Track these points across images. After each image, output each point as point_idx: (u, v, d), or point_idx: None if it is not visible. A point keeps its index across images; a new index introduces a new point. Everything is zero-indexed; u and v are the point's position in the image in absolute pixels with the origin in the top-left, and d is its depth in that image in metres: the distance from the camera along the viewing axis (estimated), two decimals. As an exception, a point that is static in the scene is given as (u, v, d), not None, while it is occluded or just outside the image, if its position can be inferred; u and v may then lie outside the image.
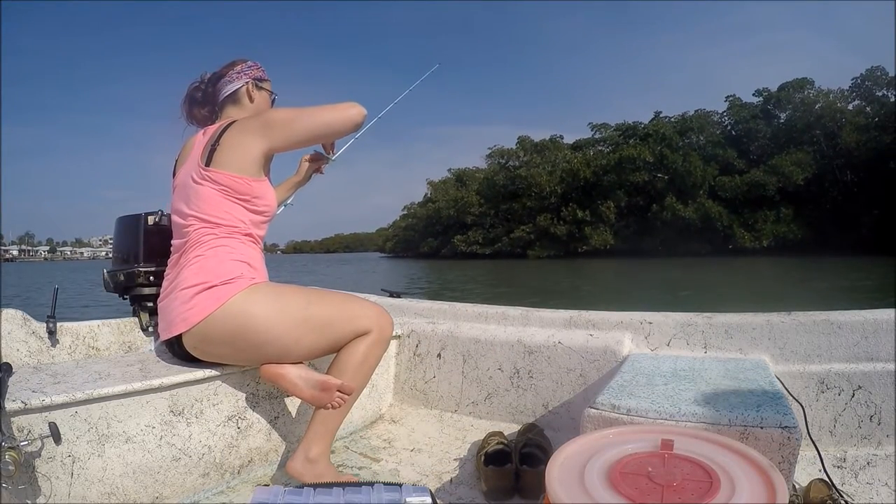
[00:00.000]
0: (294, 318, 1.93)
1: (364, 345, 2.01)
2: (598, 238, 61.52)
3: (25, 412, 1.55)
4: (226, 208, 1.98)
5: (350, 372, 1.99)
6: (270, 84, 2.31)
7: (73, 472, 1.64)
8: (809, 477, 1.76)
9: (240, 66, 2.23)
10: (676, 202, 57.46)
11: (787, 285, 20.54)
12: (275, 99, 2.31)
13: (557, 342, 2.48)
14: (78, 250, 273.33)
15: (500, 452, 2.02)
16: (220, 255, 1.94)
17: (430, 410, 2.76)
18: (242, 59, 2.26)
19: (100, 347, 2.20)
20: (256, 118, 2.04)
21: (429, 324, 2.88)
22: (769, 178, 54.39)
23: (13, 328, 1.97)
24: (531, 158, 71.78)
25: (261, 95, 2.25)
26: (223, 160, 1.97)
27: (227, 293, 1.88)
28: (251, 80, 2.22)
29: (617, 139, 68.19)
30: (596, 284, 24.56)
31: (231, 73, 2.21)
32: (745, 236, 54.48)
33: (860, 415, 2.05)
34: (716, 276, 27.76)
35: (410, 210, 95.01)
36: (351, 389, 1.98)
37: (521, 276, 31.68)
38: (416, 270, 40.13)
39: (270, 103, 2.29)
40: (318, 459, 1.95)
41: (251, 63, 2.26)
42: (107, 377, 1.80)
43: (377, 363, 2.08)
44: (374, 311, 2.07)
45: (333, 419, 1.99)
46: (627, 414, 1.50)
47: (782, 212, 54.34)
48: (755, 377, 1.81)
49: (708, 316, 2.35)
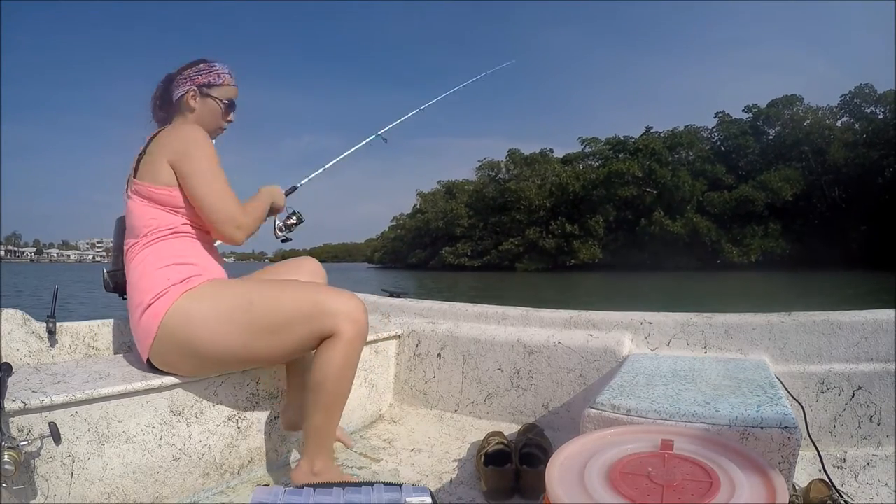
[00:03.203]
0: (236, 324, 1.80)
1: (337, 351, 1.80)
2: (586, 252, 61.75)
3: (25, 412, 1.54)
4: (151, 214, 1.91)
5: (330, 386, 1.81)
6: (228, 90, 2.11)
7: (73, 472, 1.64)
8: (809, 477, 1.75)
9: (189, 69, 2.07)
10: (665, 217, 57.82)
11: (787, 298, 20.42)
12: (227, 106, 2.11)
13: (557, 342, 2.49)
14: (65, 252, 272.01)
15: (500, 452, 2.02)
16: (147, 267, 1.87)
17: (430, 410, 2.76)
18: (203, 60, 2.10)
19: (100, 347, 2.19)
20: (181, 141, 1.92)
21: (429, 324, 2.88)
22: (758, 194, 54.88)
23: (13, 328, 1.96)
24: (521, 171, 71.95)
25: (205, 104, 2.07)
26: (146, 171, 1.91)
27: (161, 309, 1.81)
28: (194, 87, 2.05)
29: (606, 153, 68.56)
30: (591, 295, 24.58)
31: (180, 76, 2.07)
32: (733, 251, 54.88)
33: (860, 415, 2.06)
34: (707, 289, 27.82)
35: (399, 221, 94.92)
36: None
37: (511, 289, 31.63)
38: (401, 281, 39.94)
39: (221, 113, 2.10)
40: (321, 472, 1.85)
41: (203, 66, 2.08)
42: (107, 377, 1.80)
43: (358, 360, 1.89)
44: (341, 304, 1.83)
45: (326, 432, 1.87)
46: (627, 414, 1.50)
47: (770, 227, 54.78)
48: (755, 377, 1.81)
49: (708, 316, 2.35)
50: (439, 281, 40.76)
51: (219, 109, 2.10)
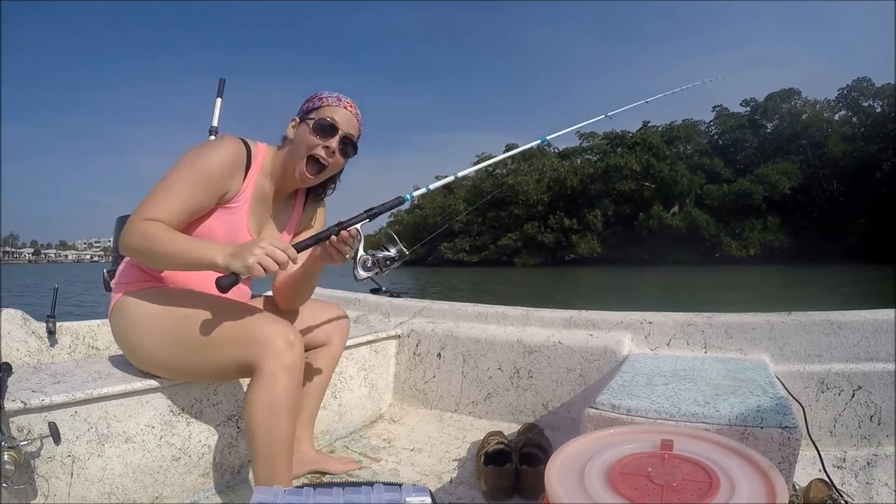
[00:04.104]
0: (164, 334, 1.73)
1: (260, 390, 1.61)
2: (585, 246, 61.73)
3: (25, 412, 1.54)
4: None
5: (260, 433, 1.62)
6: (325, 110, 1.84)
7: (73, 472, 1.64)
8: (809, 477, 1.75)
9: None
10: (663, 211, 57.80)
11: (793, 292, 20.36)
12: (318, 126, 1.82)
13: (557, 342, 2.49)
14: (62, 253, 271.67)
15: (500, 452, 2.02)
16: (126, 262, 1.90)
17: (430, 410, 2.76)
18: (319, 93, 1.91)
19: (100, 347, 2.20)
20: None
21: (429, 323, 2.88)
22: (756, 187, 54.89)
23: (13, 328, 1.97)
24: (518, 166, 71.73)
25: (299, 130, 1.86)
26: None
27: (113, 300, 1.86)
28: (297, 116, 1.90)
29: (604, 148, 68.36)
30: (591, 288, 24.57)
31: None
32: (731, 245, 54.87)
33: (860, 415, 2.06)
34: (706, 284, 27.84)
35: (397, 217, 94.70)
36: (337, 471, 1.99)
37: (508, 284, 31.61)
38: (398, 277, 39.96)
39: (309, 132, 1.83)
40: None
41: (314, 96, 1.89)
42: (107, 377, 1.80)
43: (292, 402, 1.64)
44: (267, 335, 1.63)
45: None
46: (627, 414, 1.50)
47: (769, 220, 54.76)
48: (755, 377, 1.81)
49: (708, 316, 2.35)
50: (435, 277, 40.66)
51: (307, 130, 1.83)
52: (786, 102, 59.70)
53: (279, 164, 1.89)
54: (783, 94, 60.00)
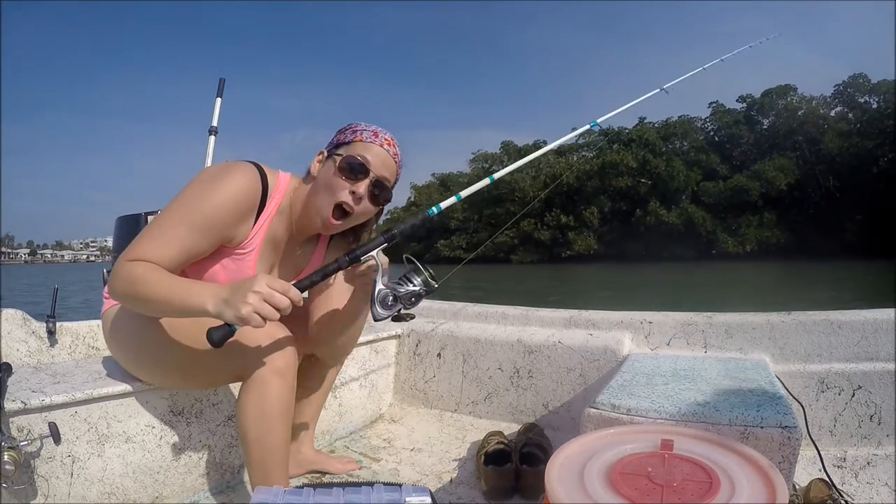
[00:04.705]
0: (149, 360, 1.69)
1: (251, 395, 1.54)
2: (581, 243, 61.71)
3: (25, 412, 1.54)
4: None
5: (252, 437, 1.56)
6: (356, 146, 1.59)
7: (73, 472, 1.64)
8: (809, 477, 1.75)
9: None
10: (660, 207, 57.78)
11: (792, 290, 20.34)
12: (345, 165, 1.57)
13: (557, 342, 2.49)
14: (58, 253, 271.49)
15: (500, 452, 2.02)
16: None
17: (430, 410, 2.76)
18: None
19: (100, 347, 2.19)
20: None
21: (429, 323, 2.88)
22: (752, 184, 54.86)
23: (13, 328, 1.96)
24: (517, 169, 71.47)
25: (325, 166, 1.63)
26: None
27: (104, 305, 1.80)
28: (325, 149, 1.67)
29: (601, 144, 68.24)
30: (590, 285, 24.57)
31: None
32: (728, 241, 54.90)
33: (860, 415, 2.06)
34: (703, 280, 27.87)
35: (394, 214, 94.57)
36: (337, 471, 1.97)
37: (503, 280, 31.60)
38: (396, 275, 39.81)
39: (334, 172, 1.58)
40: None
41: (347, 127, 1.66)
42: (107, 377, 1.80)
43: (286, 406, 1.57)
44: (257, 339, 1.54)
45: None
46: (627, 414, 1.50)
47: (765, 217, 54.78)
48: (755, 377, 1.81)
49: (708, 315, 2.35)
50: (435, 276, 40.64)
51: (332, 168, 1.58)
52: (782, 98, 59.60)
53: (299, 201, 1.65)
54: (779, 91, 59.93)
